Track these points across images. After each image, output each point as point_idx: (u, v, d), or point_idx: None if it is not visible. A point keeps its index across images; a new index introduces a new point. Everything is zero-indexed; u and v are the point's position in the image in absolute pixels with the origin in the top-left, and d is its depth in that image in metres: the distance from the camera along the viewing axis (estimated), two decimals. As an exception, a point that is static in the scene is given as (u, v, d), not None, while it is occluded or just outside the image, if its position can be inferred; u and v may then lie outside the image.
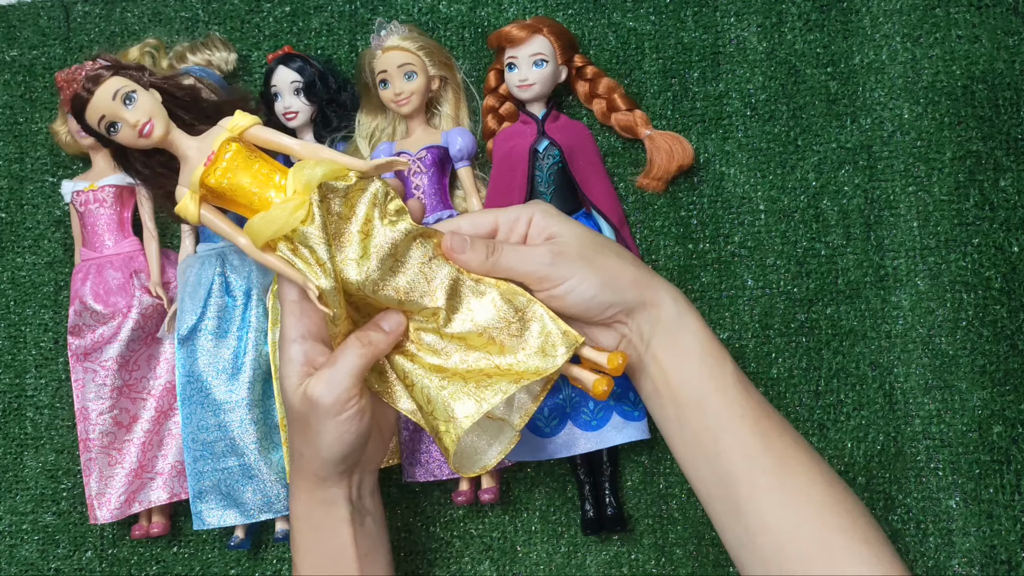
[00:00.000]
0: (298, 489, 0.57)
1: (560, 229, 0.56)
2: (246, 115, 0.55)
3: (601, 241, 0.56)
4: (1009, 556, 0.64)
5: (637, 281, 0.54)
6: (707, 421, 0.53)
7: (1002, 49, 0.68)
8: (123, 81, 0.54)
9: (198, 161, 0.55)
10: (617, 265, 0.55)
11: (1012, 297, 0.66)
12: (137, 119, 0.54)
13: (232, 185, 0.54)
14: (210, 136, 0.55)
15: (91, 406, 0.74)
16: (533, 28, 0.68)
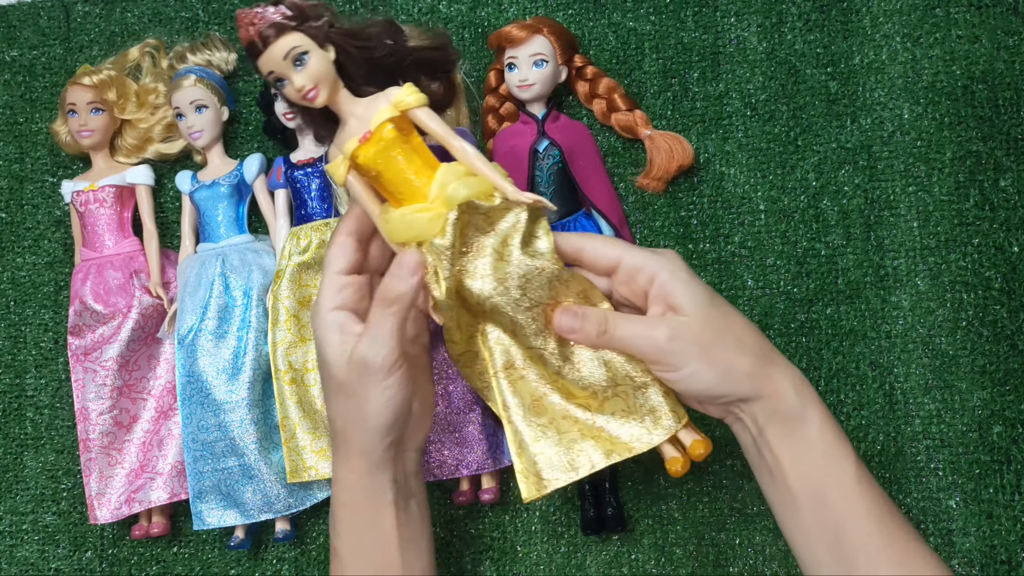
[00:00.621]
0: (342, 471, 0.56)
1: (683, 301, 0.53)
2: (414, 91, 0.54)
3: (722, 321, 0.53)
4: (1009, 556, 0.64)
5: (755, 373, 0.52)
6: (827, 514, 0.52)
7: (1002, 49, 0.68)
8: (299, 39, 0.52)
9: (354, 132, 0.54)
10: (735, 355, 0.52)
11: (1012, 297, 0.66)
12: (303, 84, 0.52)
13: (381, 169, 0.53)
14: (373, 107, 0.54)
15: (91, 406, 0.74)
16: (533, 28, 0.68)
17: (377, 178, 0.54)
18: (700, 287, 0.54)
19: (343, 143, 0.54)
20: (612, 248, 0.55)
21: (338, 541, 0.57)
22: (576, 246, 0.56)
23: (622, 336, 0.53)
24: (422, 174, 0.53)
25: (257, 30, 0.52)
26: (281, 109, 0.73)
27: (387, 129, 0.53)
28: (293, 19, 0.53)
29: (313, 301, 0.56)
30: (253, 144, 0.78)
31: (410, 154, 0.53)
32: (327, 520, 0.74)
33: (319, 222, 0.73)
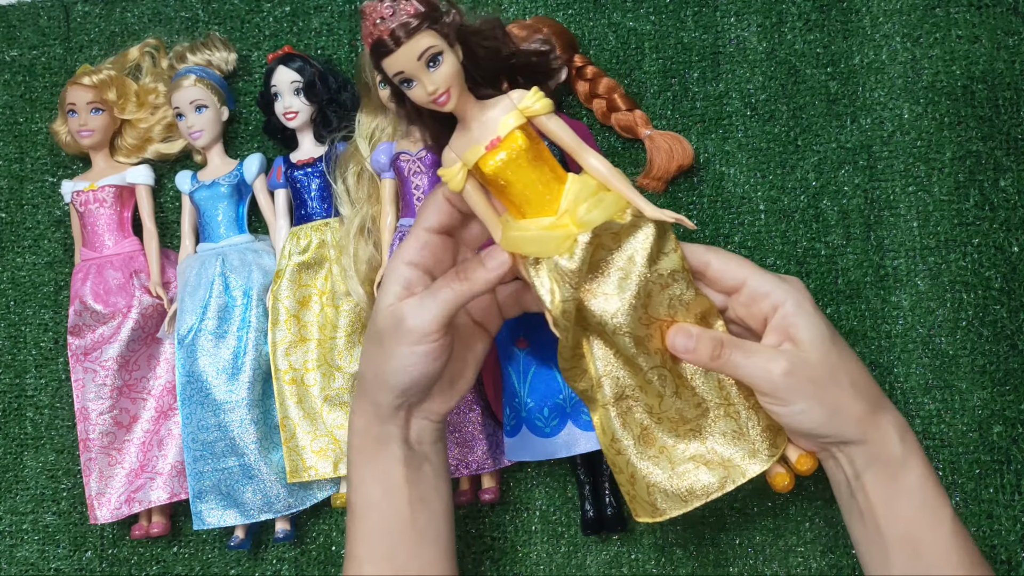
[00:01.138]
0: (355, 415, 0.56)
1: (805, 335, 0.52)
2: (540, 97, 0.51)
3: (838, 361, 0.52)
4: (1009, 556, 0.64)
5: (864, 418, 0.52)
6: (919, 564, 0.51)
7: (1002, 49, 0.68)
8: (433, 39, 0.48)
9: (479, 139, 0.51)
10: (848, 398, 0.52)
11: (1012, 297, 0.66)
12: (436, 88, 0.49)
13: (510, 179, 0.51)
14: (497, 111, 0.51)
15: (91, 406, 0.74)
16: (533, 28, 0.68)
17: (503, 188, 0.51)
18: (823, 323, 0.53)
19: (463, 149, 0.51)
20: (739, 267, 0.54)
21: (352, 492, 0.57)
22: (702, 260, 0.55)
23: (736, 363, 0.52)
24: (551, 185, 0.51)
25: (388, 27, 0.48)
26: (281, 109, 0.73)
27: (518, 137, 0.50)
28: (426, 17, 0.49)
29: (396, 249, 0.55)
30: (253, 144, 0.78)
31: (539, 164, 0.51)
32: (327, 520, 0.74)
33: (319, 222, 0.73)
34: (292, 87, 0.72)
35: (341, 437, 0.71)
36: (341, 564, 0.73)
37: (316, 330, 0.72)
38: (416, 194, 0.70)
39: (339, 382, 0.71)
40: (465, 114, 0.51)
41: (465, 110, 0.51)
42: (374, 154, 0.72)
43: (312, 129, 0.74)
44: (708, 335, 0.53)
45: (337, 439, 0.71)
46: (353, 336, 0.72)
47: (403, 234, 0.70)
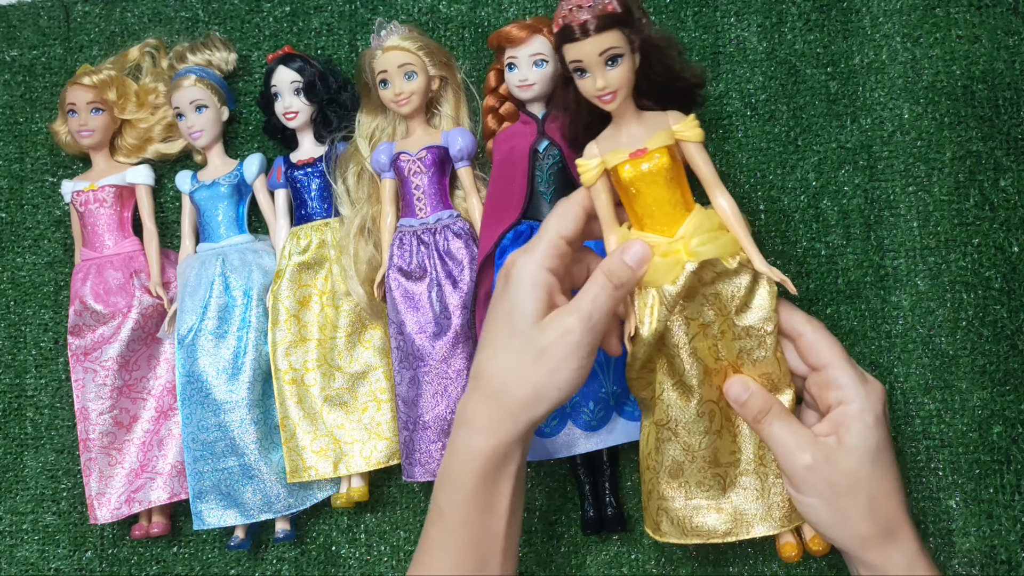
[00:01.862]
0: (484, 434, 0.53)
1: (850, 440, 0.51)
2: (696, 125, 0.53)
3: (868, 477, 0.51)
4: (1009, 556, 0.64)
5: (869, 540, 0.51)
6: None
7: (1002, 49, 0.68)
8: (619, 40, 0.50)
9: (626, 145, 0.53)
10: (859, 515, 0.51)
11: (1012, 297, 0.66)
12: (606, 86, 0.51)
13: (641, 190, 0.53)
14: (651, 124, 0.53)
15: (91, 406, 0.74)
16: (533, 28, 0.68)
17: (633, 196, 0.54)
18: (876, 437, 0.52)
19: (608, 149, 0.54)
20: (827, 351, 0.54)
21: (448, 501, 0.54)
22: (797, 330, 0.55)
23: (773, 433, 0.53)
24: (677, 209, 0.53)
25: (582, 18, 0.50)
26: (281, 109, 0.73)
27: (663, 155, 0.53)
28: (620, 19, 0.51)
29: (515, 254, 0.54)
30: (253, 144, 0.78)
31: (673, 185, 0.53)
32: (327, 520, 0.74)
33: (319, 222, 0.73)
34: (292, 87, 0.72)
35: (341, 437, 0.71)
36: (341, 564, 0.73)
37: (316, 330, 0.72)
38: (416, 194, 0.70)
39: (339, 382, 0.71)
40: (621, 118, 0.54)
41: (623, 114, 0.53)
42: (374, 154, 0.72)
43: (312, 129, 0.74)
44: (762, 396, 0.54)
45: (337, 439, 0.71)
46: (353, 336, 0.72)
47: (403, 234, 0.70)
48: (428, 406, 0.67)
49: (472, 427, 0.53)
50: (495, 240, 0.67)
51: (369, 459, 0.70)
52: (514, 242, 0.67)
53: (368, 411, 0.71)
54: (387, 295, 0.70)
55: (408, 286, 0.69)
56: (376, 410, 0.71)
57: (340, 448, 0.70)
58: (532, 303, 0.52)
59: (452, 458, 0.54)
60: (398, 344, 0.69)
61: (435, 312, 0.68)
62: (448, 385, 0.67)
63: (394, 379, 0.70)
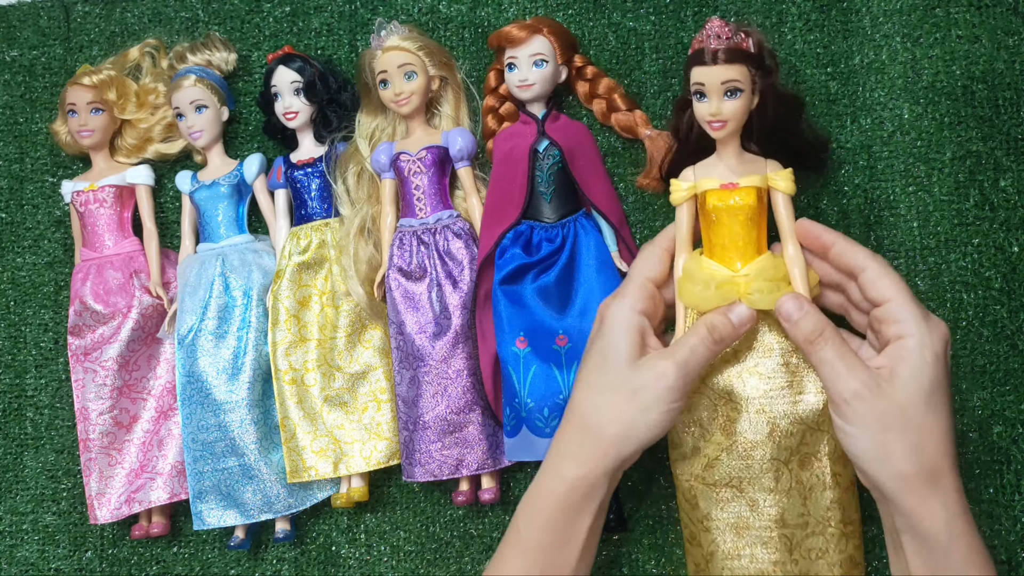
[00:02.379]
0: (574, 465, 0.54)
1: (904, 373, 0.50)
2: (791, 180, 0.56)
3: (919, 417, 0.50)
4: (1009, 556, 0.64)
5: (908, 480, 0.50)
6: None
7: (1002, 49, 0.68)
8: (742, 75, 0.55)
9: (720, 176, 0.56)
10: (903, 453, 0.50)
11: (1012, 297, 0.66)
12: (720, 112, 0.55)
13: (722, 219, 0.56)
14: (750, 166, 0.56)
15: (91, 406, 0.74)
16: (533, 28, 0.68)
17: (711, 224, 0.56)
18: (932, 375, 0.51)
19: (703, 175, 0.57)
20: (891, 287, 0.53)
21: (527, 524, 0.55)
22: (860, 264, 0.54)
23: (822, 357, 0.52)
24: (749, 248, 0.56)
25: (716, 47, 0.54)
26: (281, 109, 0.73)
27: (750, 193, 0.55)
28: (750, 58, 0.55)
29: (610, 299, 0.57)
30: (253, 144, 0.78)
31: (751, 225, 0.56)
32: (327, 520, 0.74)
33: (319, 222, 0.73)
34: (292, 87, 0.72)
35: (341, 437, 0.71)
36: (341, 564, 0.73)
37: (316, 330, 0.72)
38: (416, 194, 0.70)
39: (339, 382, 0.71)
40: (723, 151, 0.57)
41: (725, 148, 0.57)
42: (374, 154, 0.72)
43: (312, 129, 0.74)
44: (817, 315, 0.53)
45: (337, 439, 0.71)
46: (353, 336, 0.72)
47: (403, 234, 0.70)
48: (428, 406, 0.67)
49: (562, 456, 0.55)
50: (495, 240, 0.67)
51: (369, 459, 0.70)
52: (514, 242, 0.67)
53: (368, 411, 0.71)
54: (387, 295, 0.70)
55: (408, 286, 0.69)
56: (376, 410, 0.71)
57: (340, 448, 0.70)
58: (626, 345, 0.54)
59: (538, 483, 0.56)
60: (398, 344, 0.69)
61: (435, 312, 0.68)
62: (448, 385, 0.67)
63: (394, 379, 0.70)
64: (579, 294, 0.67)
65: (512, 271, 0.66)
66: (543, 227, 0.67)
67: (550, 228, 0.67)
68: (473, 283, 0.68)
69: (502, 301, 0.66)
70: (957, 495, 0.50)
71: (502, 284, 0.66)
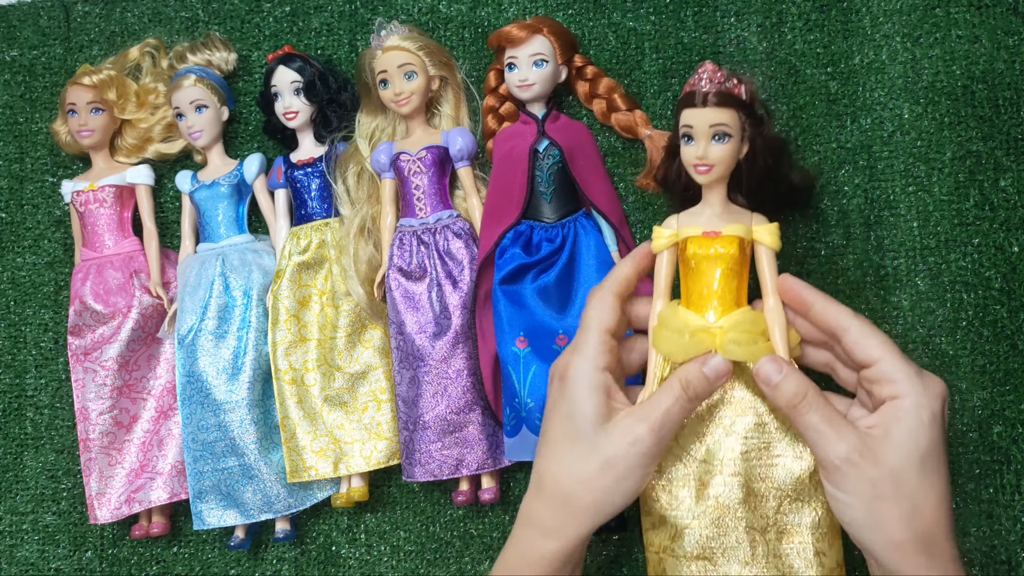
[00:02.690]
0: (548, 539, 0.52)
1: (899, 435, 0.48)
2: (776, 234, 0.54)
3: (914, 483, 0.48)
4: (1009, 556, 0.64)
5: (903, 549, 0.48)
6: None
7: (1002, 49, 0.68)
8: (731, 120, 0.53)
9: (703, 224, 0.54)
10: (897, 521, 0.47)
11: (1012, 297, 0.66)
12: (706, 155, 0.53)
13: (701, 268, 0.54)
14: (733, 216, 0.55)
15: (91, 406, 0.74)
16: (533, 28, 0.68)
17: (690, 272, 0.54)
18: (929, 437, 0.48)
19: (687, 223, 0.55)
20: (879, 346, 0.51)
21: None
22: (842, 325, 0.52)
23: (807, 422, 0.49)
24: (728, 299, 0.53)
25: (707, 90, 0.53)
26: (281, 109, 0.73)
27: (733, 243, 0.53)
28: (741, 103, 0.54)
29: (567, 355, 0.54)
30: (253, 144, 0.78)
31: (732, 276, 0.54)
32: (327, 520, 0.74)
33: (319, 222, 0.73)
34: (292, 87, 0.72)
35: (341, 437, 0.71)
36: (341, 564, 0.73)
37: (316, 330, 0.72)
38: (416, 194, 0.70)
39: (339, 382, 0.71)
40: (708, 199, 0.55)
41: (711, 195, 0.55)
42: (374, 154, 0.72)
43: (312, 129, 0.74)
44: (797, 377, 0.50)
45: (337, 439, 0.71)
46: (353, 336, 0.72)
47: (403, 234, 0.70)
48: (428, 406, 0.67)
49: (538, 528, 0.53)
50: (495, 240, 0.67)
51: (369, 459, 0.70)
52: (514, 242, 0.67)
53: (368, 411, 0.71)
54: (387, 295, 0.70)
55: (408, 286, 0.69)
56: (376, 410, 0.71)
57: (340, 448, 0.70)
58: (592, 407, 0.51)
59: (517, 556, 0.53)
60: (398, 344, 0.69)
61: (435, 312, 0.68)
62: (448, 385, 0.67)
63: (394, 379, 0.70)
64: (579, 294, 0.67)
65: (512, 271, 0.66)
66: (543, 227, 0.67)
67: (550, 228, 0.67)
68: (473, 283, 0.68)
69: (502, 301, 0.66)
70: (954, 564, 0.49)
71: (502, 284, 0.66)
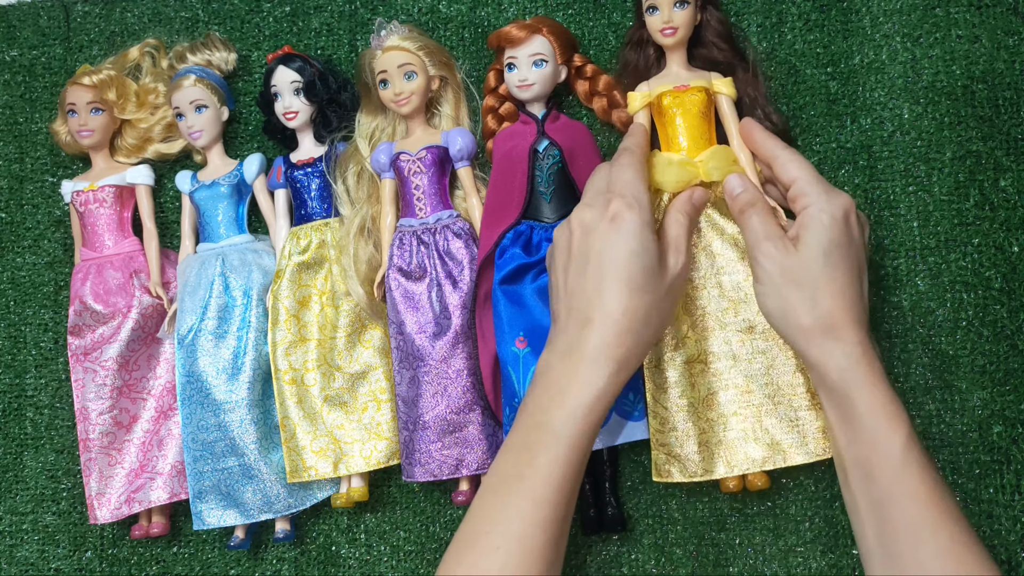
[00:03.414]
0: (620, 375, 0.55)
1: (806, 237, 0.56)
2: (731, 85, 0.65)
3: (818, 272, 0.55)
4: (1009, 556, 0.64)
5: (808, 332, 0.55)
6: (872, 490, 0.52)
7: (1002, 49, 0.68)
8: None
9: (672, 82, 0.65)
10: (801, 308, 0.55)
11: (1012, 297, 0.66)
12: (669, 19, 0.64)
13: (679, 115, 0.64)
14: (695, 74, 0.65)
15: (91, 406, 0.74)
16: (533, 28, 0.68)
17: (668, 120, 0.64)
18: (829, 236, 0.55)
19: (656, 85, 0.65)
20: (798, 168, 0.59)
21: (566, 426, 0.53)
22: (773, 153, 0.61)
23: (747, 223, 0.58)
24: (702, 138, 0.64)
25: None
26: (281, 109, 0.73)
27: (700, 91, 0.64)
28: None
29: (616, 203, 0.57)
30: (253, 144, 0.78)
31: (703, 120, 0.64)
32: (327, 520, 0.74)
33: (319, 222, 0.73)
34: (292, 87, 0.72)
35: (341, 437, 0.71)
36: (341, 564, 0.73)
37: (316, 330, 0.72)
38: (416, 194, 0.70)
39: (339, 382, 0.71)
40: (673, 60, 0.66)
41: (674, 56, 0.66)
42: (374, 154, 0.72)
43: (312, 129, 0.74)
44: (755, 190, 0.60)
45: (337, 439, 0.71)
46: (353, 336, 0.72)
47: (403, 234, 0.70)
48: (428, 406, 0.67)
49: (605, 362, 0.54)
50: (495, 240, 0.67)
51: (369, 459, 0.70)
52: (514, 242, 0.67)
53: (368, 411, 0.71)
54: (387, 295, 0.70)
55: (408, 286, 0.69)
56: (376, 410, 0.71)
57: (340, 448, 0.70)
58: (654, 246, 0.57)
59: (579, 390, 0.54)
60: (398, 344, 0.69)
61: (435, 312, 0.68)
62: (448, 385, 0.67)
63: (394, 379, 0.70)
64: (579, 294, 0.67)
65: (512, 271, 0.66)
66: (543, 227, 0.67)
67: (550, 228, 0.67)
68: (473, 283, 0.68)
69: (502, 301, 0.66)
70: (860, 347, 0.54)
71: (502, 284, 0.66)
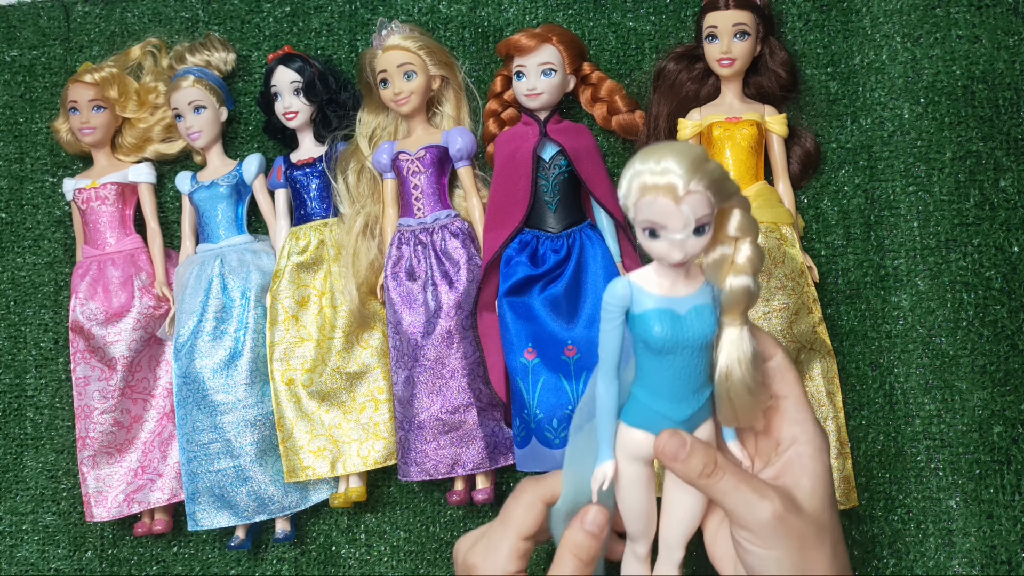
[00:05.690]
0: None
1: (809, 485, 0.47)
2: (784, 123, 0.66)
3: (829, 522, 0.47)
4: (1009, 556, 0.64)
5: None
6: None
7: (1002, 49, 0.68)
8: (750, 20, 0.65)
9: (724, 112, 0.65)
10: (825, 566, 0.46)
11: (1012, 297, 0.66)
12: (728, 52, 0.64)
13: (727, 146, 0.65)
14: (748, 106, 0.66)
15: (92, 405, 0.74)
16: (543, 37, 0.68)
17: (717, 152, 0.65)
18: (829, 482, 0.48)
19: (709, 112, 0.66)
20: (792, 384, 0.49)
21: None
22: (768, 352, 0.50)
23: (724, 490, 0.47)
24: (748, 174, 0.65)
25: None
26: (281, 109, 0.73)
27: (752, 126, 0.65)
28: (757, 7, 0.65)
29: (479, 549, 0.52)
30: (253, 144, 0.78)
31: (750, 154, 0.65)
32: (327, 520, 0.74)
33: (318, 222, 0.73)
34: (292, 87, 0.72)
35: (339, 437, 0.71)
36: (341, 564, 0.73)
37: (315, 330, 0.72)
38: (415, 194, 0.70)
39: (337, 382, 0.71)
40: (727, 92, 0.67)
41: (729, 89, 0.66)
42: (376, 154, 0.72)
43: (312, 129, 0.74)
44: (702, 449, 0.47)
45: (334, 439, 0.70)
46: (351, 336, 0.72)
47: (401, 234, 0.70)
48: (423, 406, 0.67)
49: None
50: (502, 243, 0.67)
51: (367, 459, 0.70)
52: (519, 252, 0.67)
53: (366, 411, 0.71)
54: (385, 295, 0.70)
55: (405, 286, 0.69)
56: (374, 410, 0.71)
57: (338, 448, 0.70)
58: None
59: None
60: (395, 343, 0.69)
61: (430, 312, 0.68)
62: (443, 385, 0.67)
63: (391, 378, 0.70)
64: (587, 304, 0.67)
65: (518, 283, 0.66)
66: (548, 237, 0.67)
67: (555, 239, 0.67)
68: (469, 283, 0.68)
69: (508, 313, 0.66)
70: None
71: (508, 296, 0.66)
